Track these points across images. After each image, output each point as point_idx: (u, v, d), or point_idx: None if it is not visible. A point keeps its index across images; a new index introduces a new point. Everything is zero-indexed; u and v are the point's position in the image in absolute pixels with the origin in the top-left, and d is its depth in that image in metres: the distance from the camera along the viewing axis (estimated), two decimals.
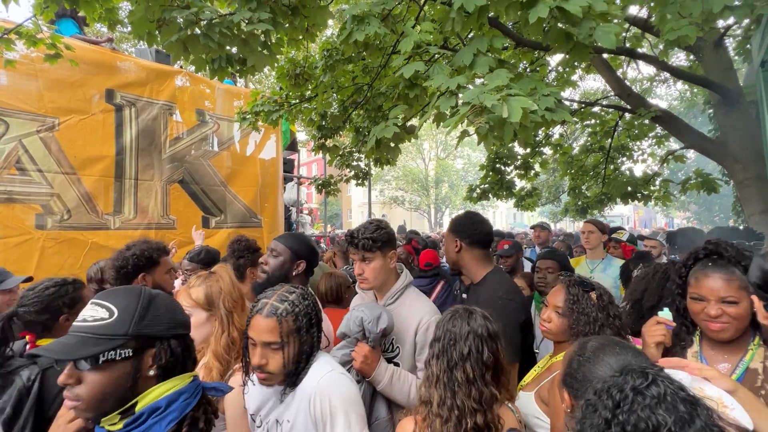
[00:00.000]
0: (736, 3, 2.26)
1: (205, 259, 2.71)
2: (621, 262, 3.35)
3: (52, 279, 1.67)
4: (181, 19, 1.78)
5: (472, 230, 1.88)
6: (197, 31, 1.84)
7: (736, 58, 5.06)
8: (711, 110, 5.47)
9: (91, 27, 8.64)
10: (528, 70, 4.69)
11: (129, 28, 2.23)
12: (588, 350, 0.99)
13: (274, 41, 2.37)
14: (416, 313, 1.65)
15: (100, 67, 3.98)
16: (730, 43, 4.93)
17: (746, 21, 3.00)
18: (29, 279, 2.52)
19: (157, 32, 1.92)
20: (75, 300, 1.64)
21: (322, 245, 9.28)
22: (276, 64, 3.02)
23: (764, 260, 0.98)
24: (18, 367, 1.38)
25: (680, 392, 0.66)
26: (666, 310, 1.33)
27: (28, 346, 1.54)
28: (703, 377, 0.90)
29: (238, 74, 2.54)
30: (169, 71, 4.53)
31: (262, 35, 2.13)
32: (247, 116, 3.85)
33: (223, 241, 4.46)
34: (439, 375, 1.17)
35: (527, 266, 3.95)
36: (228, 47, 2.10)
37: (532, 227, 5.96)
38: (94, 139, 3.93)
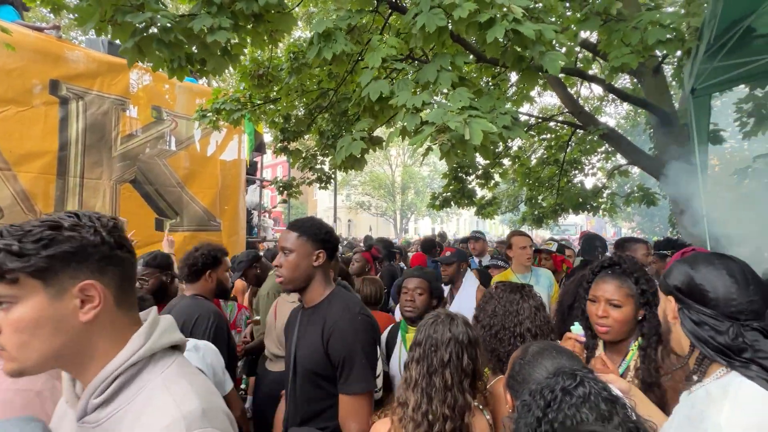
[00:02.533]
0: (669, 37, 2.52)
1: (162, 263, 2.61)
2: (547, 272, 3.21)
3: None
4: (137, 22, 1.70)
5: (332, 239, 1.53)
6: (153, 30, 1.76)
7: (674, 83, 5.57)
8: (651, 130, 5.96)
9: (35, 12, 8.01)
10: (490, 84, 4.91)
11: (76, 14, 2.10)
12: (529, 354, 1.05)
13: (236, 41, 2.33)
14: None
15: (43, 56, 3.69)
16: (668, 70, 5.41)
17: (679, 52, 3.33)
18: None
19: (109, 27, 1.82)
20: None
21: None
22: (238, 64, 2.95)
23: (690, 267, 1.03)
24: None
25: (603, 392, 0.73)
26: (577, 324, 1.40)
27: None
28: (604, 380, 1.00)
29: (198, 73, 2.47)
30: (122, 64, 4.26)
31: (224, 42, 2.08)
32: (208, 114, 3.72)
33: (178, 245, 4.25)
34: (417, 379, 1.18)
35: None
36: (186, 47, 2.03)
37: (468, 239, 5.75)
38: (34, 133, 3.62)
